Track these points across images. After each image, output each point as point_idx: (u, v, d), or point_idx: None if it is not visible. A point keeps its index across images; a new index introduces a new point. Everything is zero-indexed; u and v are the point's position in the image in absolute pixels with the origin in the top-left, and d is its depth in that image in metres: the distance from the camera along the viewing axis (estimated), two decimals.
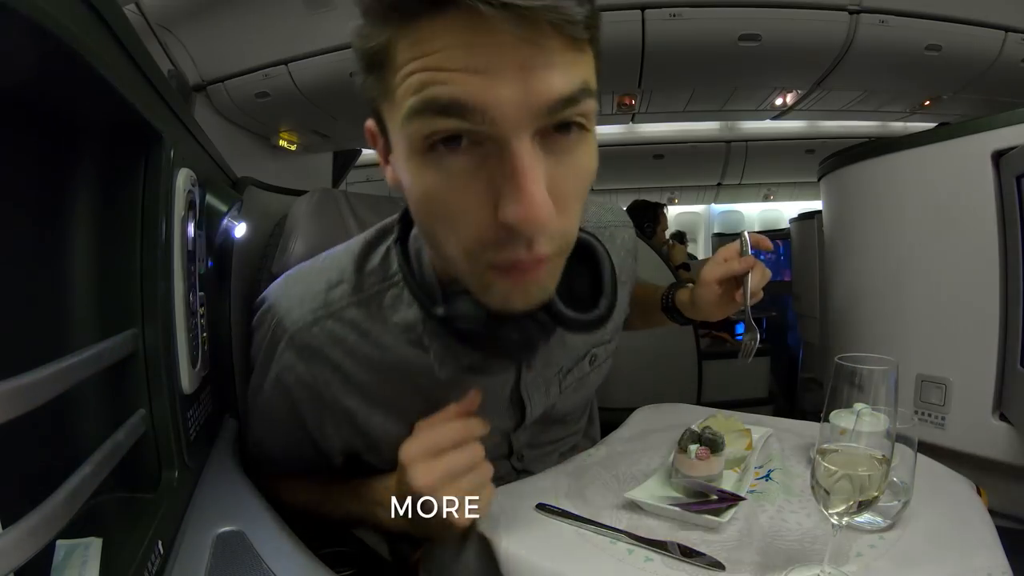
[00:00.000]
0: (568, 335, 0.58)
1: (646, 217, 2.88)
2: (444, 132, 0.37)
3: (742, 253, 0.70)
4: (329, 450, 0.60)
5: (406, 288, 0.53)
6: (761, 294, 0.70)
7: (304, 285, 0.55)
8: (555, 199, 0.38)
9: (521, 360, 0.59)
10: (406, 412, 0.55)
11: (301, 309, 0.54)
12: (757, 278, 0.68)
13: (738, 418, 0.80)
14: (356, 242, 0.58)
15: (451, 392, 0.54)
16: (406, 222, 0.55)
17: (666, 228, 3.13)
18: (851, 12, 1.62)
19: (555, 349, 0.62)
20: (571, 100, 0.37)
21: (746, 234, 0.70)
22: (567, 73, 0.37)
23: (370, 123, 0.46)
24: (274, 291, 0.57)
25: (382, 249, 0.56)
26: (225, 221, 0.81)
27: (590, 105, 0.39)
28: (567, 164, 0.40)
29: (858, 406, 0.47)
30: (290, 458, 0.64)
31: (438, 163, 0.38)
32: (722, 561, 0.51)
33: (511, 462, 0.69)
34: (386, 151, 0.45)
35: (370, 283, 0.55)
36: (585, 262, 0.52)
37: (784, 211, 5.09)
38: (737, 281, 0.68)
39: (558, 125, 0.38)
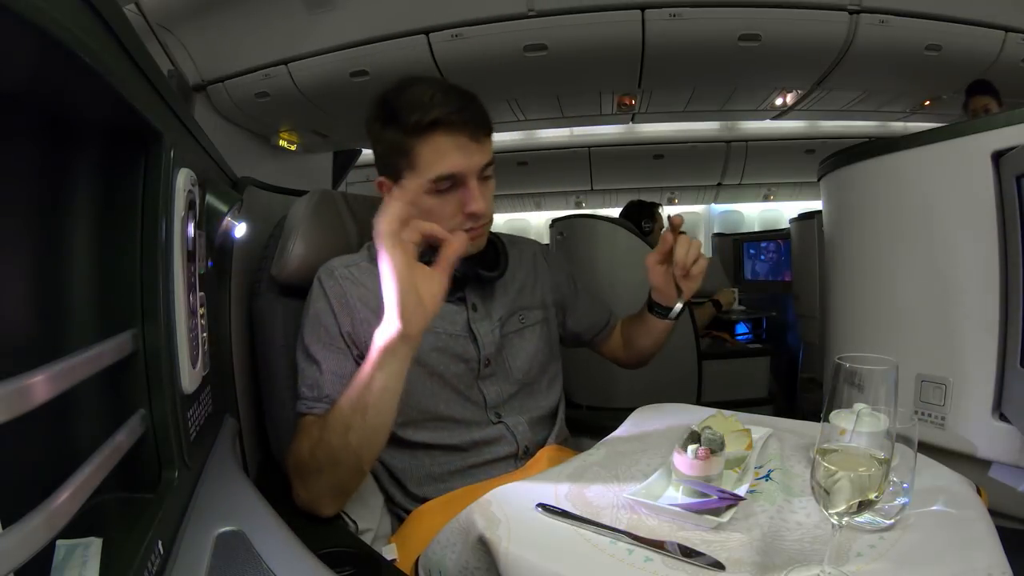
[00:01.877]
0: (497, 298, 0.93)
1: (642, 216, 2.86)
2: (444, 183, 0.77)
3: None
4: (352, 343, 0.82)
5: None
6: (703, 261, 0.89)
7: (339, 258, 0.90)
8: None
9: (464, 287, 0.89)
10: None
11: (337, 262, 0.89)
12: (682, 250, 0.88)
13: (738, 418, 0.80)
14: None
15: None
16: None
17: (663, 227, 3.11)
18: (851, 12, 1.62)
19: (491, 304, 0.92)
20: (488, 164, 0.80)
21: (665, 215, 0.84)
22: (486, 152, 0.80)
23: (382, 179, 0.83)
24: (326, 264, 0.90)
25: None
26: (225, 221, 0.81)
27: (492, 167, 0.82)
28: (486, 189, 0.81)
29: (858, 406, 0.47)
30: (335, 375, 0.80)
31: (440, 194, 0.78)
32: (722, 561, 0.51)
33: (488, 415, 0.89)
34: (390, 188, 0.82)
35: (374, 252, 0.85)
36: (494, 251, 0.91)
37: (784, 211, 5.08)
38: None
39: (482, 175, 0.80)
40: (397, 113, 0.76)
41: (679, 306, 0.95)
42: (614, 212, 2.98)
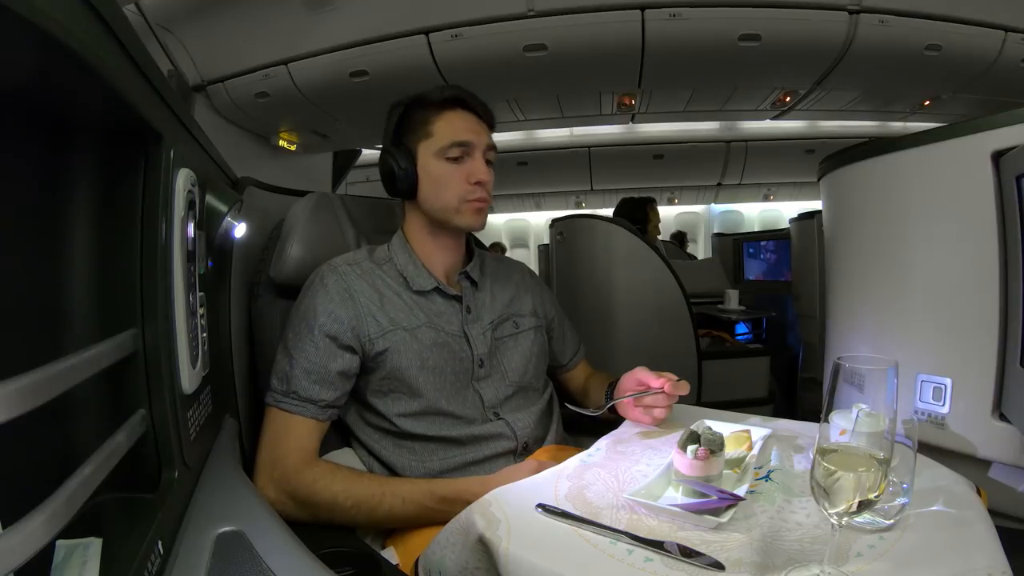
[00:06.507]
0: (487, 304, 0.98)
1: (635, 213, 2.80)
2: (456, 150, 0.89)
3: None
4: (343, 334, 0.85)
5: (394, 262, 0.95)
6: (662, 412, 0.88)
7: (342, 256, 0.94)
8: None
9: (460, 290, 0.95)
10: (398, 313, 0.89)
11: (340, 260, 0.93)
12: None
13: (738, 419, 0.80)
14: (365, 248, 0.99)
15: (423, 306, 0.91)
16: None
17: (658, 223, 2.99)
18: (851, 12, 1.63)
19: (482, 309, 0.96)
20: (491, 148, 0.92)
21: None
22: (490, 138, 0.92)
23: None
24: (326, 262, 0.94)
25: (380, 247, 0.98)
26: (225, 221, 0.81)
27: (494, 154, 0.93)
28: (488, 169, 0.91)
29: (858, 406, 0.47)
30: (304, 371, 0.83)
31: (450, 161, 0.89)
32: (722, 561, 0.51)
33: (487, 412, 0.90)
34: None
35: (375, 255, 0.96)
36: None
37: (784, 211, 5.09)
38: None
39: (485, 155, 0.91)
40: (423, 95, 0.92)
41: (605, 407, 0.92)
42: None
